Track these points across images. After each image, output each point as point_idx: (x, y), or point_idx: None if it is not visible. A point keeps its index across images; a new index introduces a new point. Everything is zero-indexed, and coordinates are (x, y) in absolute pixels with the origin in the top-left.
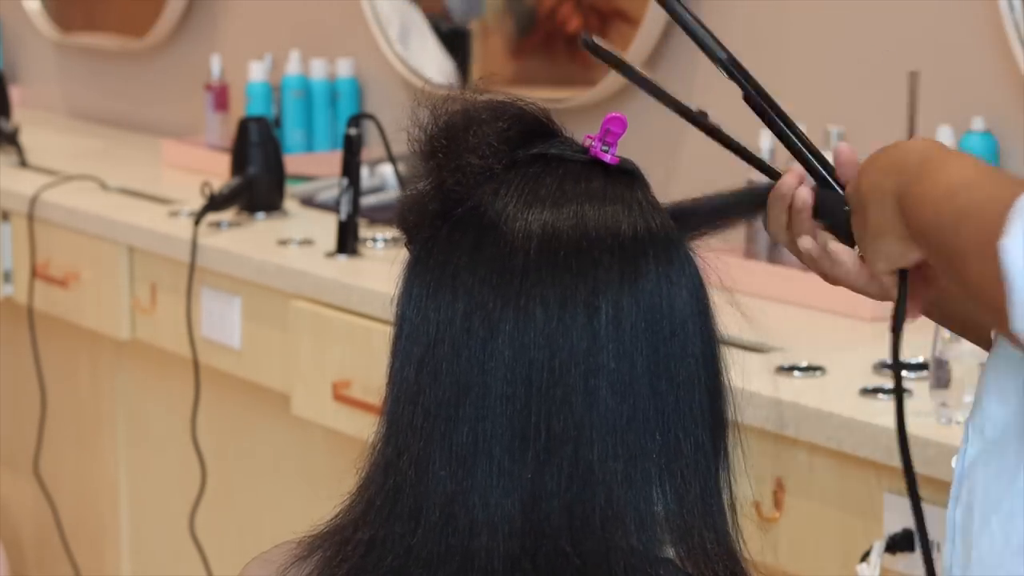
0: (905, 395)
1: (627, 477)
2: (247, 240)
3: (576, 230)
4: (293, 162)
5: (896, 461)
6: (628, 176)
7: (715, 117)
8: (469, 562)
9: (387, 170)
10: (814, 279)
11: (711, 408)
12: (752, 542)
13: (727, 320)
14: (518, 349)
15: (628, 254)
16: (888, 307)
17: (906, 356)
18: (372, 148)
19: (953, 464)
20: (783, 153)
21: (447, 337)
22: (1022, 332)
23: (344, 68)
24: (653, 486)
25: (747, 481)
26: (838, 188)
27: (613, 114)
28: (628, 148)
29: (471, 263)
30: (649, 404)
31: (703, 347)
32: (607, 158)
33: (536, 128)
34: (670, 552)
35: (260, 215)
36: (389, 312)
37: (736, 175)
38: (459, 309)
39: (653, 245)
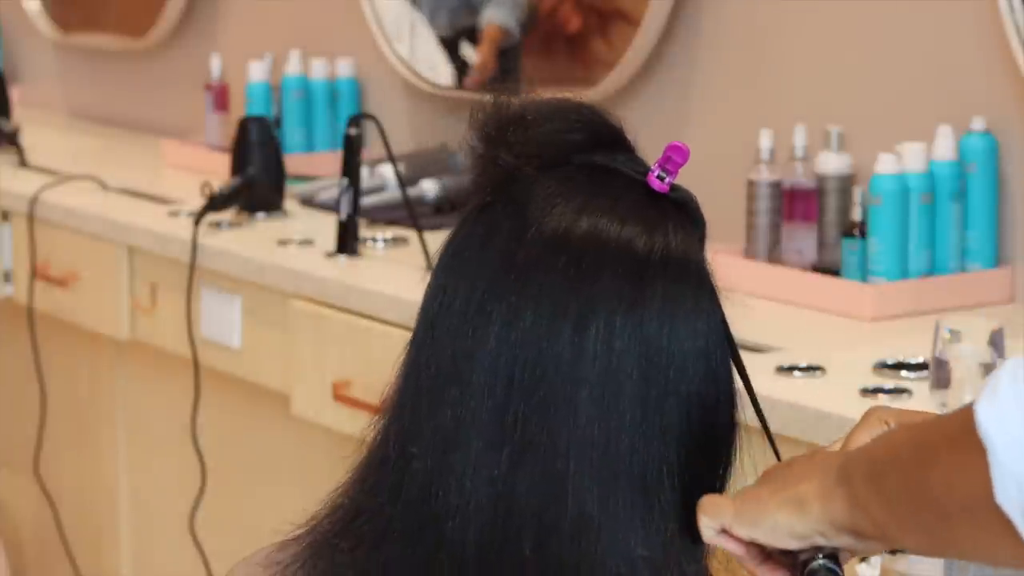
0: (905, 395)
1: (602, 500)
2: (247, 240)
3: (584, 241)
4: (293, 162)
5: None
6: (676, 206)
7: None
8: (441, 545)
9: (387, 170)
10: (814, 278)
11: (701, 451)
12: None
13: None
14: (503, 344)
15: (634, 277)
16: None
17: (906, 356)
18: (372, 148)
19: None
20: (782, 154)
21: (446, 319)
22: (1004, 504)
23: (344, 68)
24: (631, 514)
25: (748, 481)
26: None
27: (675, 143)
28: None
29: (480, 251)
30: (635, 431)
31: (702, 389)
32: (658, 186)
33: (604, 137)
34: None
35: (260, 215)
36: (389, 312)
37: (736, 175)
38: (460, 294)
39: (664, 274)
